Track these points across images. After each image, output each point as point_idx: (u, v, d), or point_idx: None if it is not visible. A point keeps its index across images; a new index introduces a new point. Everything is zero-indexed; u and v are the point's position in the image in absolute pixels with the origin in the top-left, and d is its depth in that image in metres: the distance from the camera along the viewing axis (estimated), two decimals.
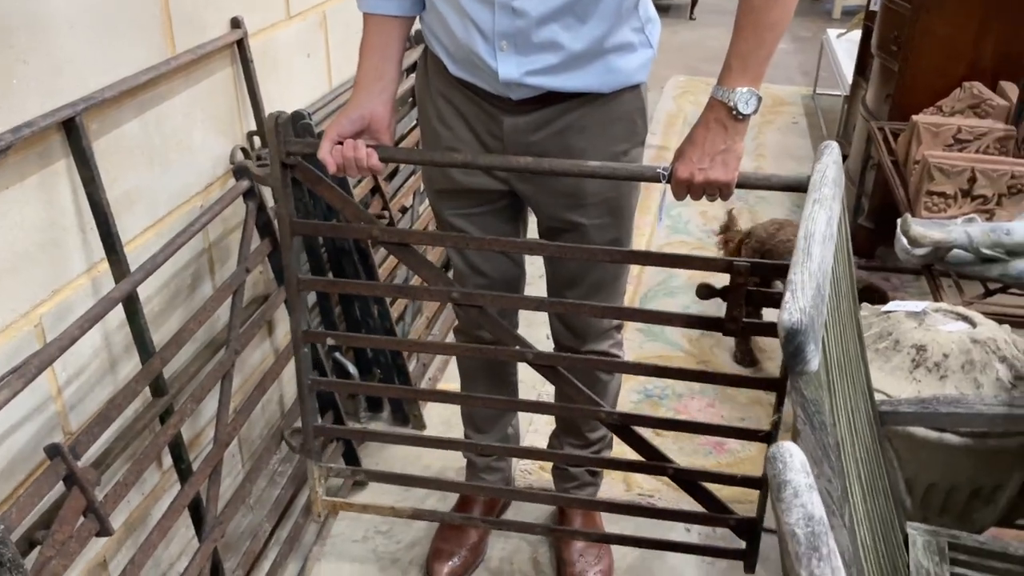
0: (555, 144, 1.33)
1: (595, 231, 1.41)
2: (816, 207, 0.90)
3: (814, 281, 0.76)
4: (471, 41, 1.23)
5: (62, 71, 1.22)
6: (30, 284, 1.21)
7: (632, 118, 1.35)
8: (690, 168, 1.21)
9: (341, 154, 1.29)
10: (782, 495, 0.53)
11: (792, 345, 0.71)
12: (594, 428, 1.68)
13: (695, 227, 3.15)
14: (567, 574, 1.68)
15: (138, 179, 1.42)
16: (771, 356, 2.38)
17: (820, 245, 0.84)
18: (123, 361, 1.43)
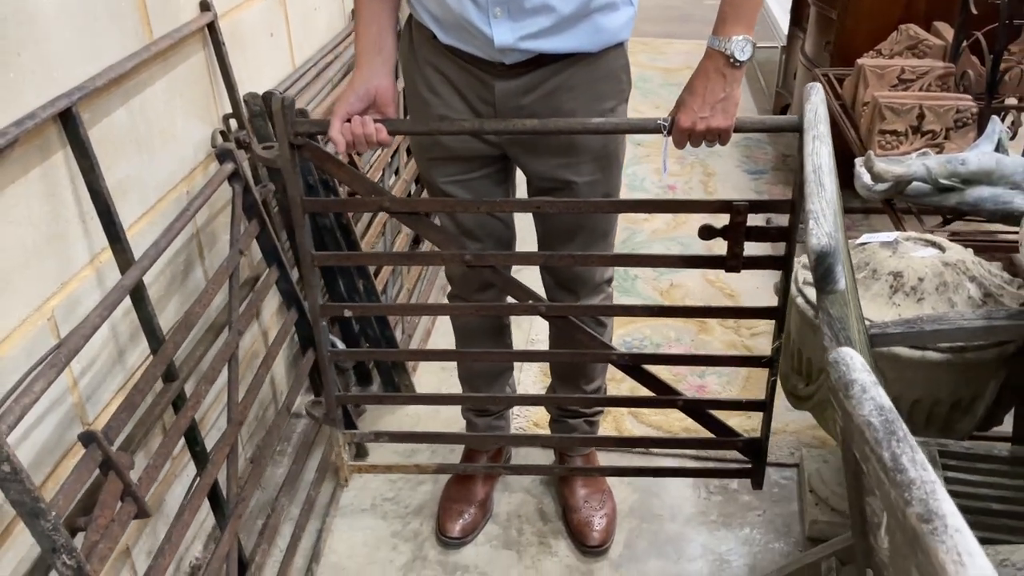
0: (545, 105, 1.37)
1: (586, 187, 1.46)
2: (817, 143, 0.97)
3: (831, 208, 0.83)
4: (464, 10, 1.26)
5: (53, 62, 1.21)
6: (41, 278, 1.21)
7: (618, 75, 1.40)
8: (692, 117, 1.28)
9: (351, 131, 1.33)
10: (851, 392, 0.60)
11: (823, 267, 0.77)
12: (590, 380, 1.75)
13: (651, 183, 3.22)
14: (573, 519, 1.75)
15: (129, 167, 1.42)
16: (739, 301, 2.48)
17: (828, 176, 0.90)
18: (129, 350, 1.44)
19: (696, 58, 1.31)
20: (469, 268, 1.51)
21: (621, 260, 1.55)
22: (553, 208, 1.46)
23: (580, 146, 1.41)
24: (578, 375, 1.73)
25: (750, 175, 3.26)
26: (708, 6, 5.65)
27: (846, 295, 0.82)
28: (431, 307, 2.01)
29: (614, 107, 1.42)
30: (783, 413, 2.04)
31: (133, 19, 1.42)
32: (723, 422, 1.64)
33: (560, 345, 1.67)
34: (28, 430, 1.19)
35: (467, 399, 1.79)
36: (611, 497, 1.81)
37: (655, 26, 5.14)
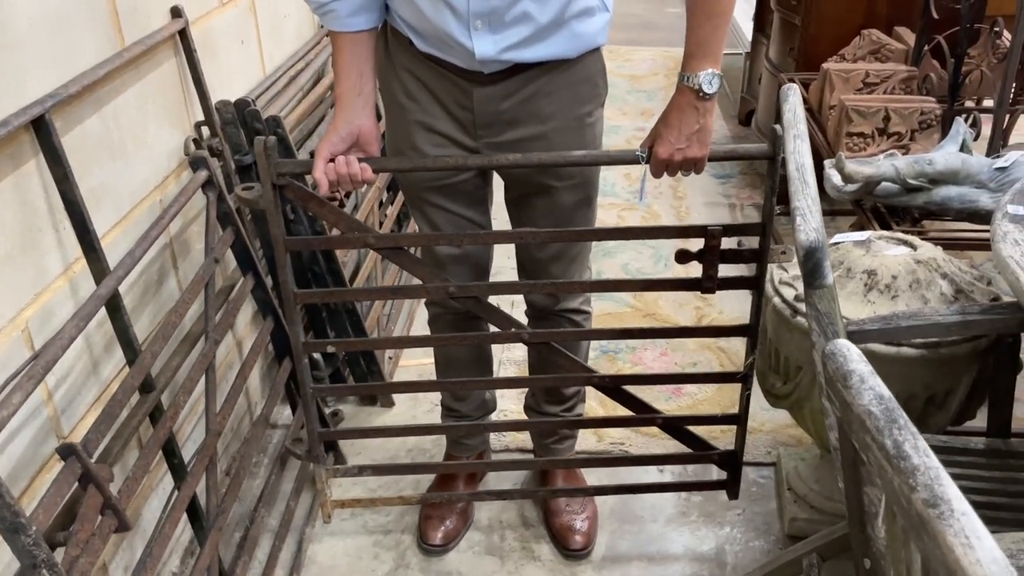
0: (524, 110, 1.37)
1: (566, 192, 1.47)
2: (799, 142, 0.98)
3: (816, 205, 0.84)
4: (444, 23, 1.26)
5: (25, 69, 1.19)
6: (14, 288, 1.19)
7: (595, 80, 1.41)
8: (669, 148, 1.32)
9: (335, 171, 1.33)
10: (849, 382, 0.61)
11: (811, 262, 0.78)
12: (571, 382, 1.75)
13: (621, 189, 3.25)
14: (555, 523, 1.75)
15: (103, 176, 1.40)
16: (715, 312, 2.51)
17: (811, 174, 0.92)
18: (104, 361, 1.41)
19: (661, 65, 1.35)
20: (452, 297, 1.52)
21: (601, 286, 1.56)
22: (536, 238, 1.45)
23: (555, 149, 1.41)
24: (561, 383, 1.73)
25: (718, 179, 3.29)
26: (671, 14, 5.73)
27: (833, 290, 0.83)
28: (415, 339, 2.01)
29: (591, 111, 1.43)
30: (759, 412, 2.06)
31: (105, 26, 1.40)
32: (699, 436, 1.66)
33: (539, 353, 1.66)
34: (3, 444, 1.16)
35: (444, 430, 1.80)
36: (592, 501, 1.81)
37: (620, 33, 5.19)
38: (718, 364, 2.26)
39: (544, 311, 1.64)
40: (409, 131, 1.42)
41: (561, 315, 1.65)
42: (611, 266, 2.73)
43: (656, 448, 1.97)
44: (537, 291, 1.57)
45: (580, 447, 1.96)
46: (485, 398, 1.83)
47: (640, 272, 2.69)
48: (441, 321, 1.68)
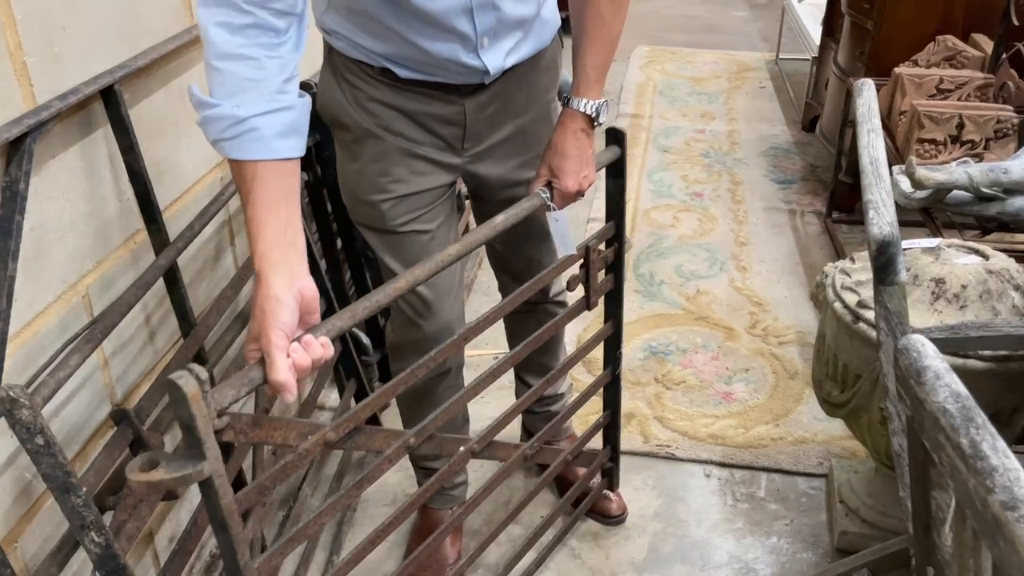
0: (504, 110, 1.32)
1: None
2: (873, 136, 0.95)
3: (890, 198, 0.81)
4: (449, 50, 1.20)
5: (97, 39, 1.21)
6: (77, 255, 1.21)
7: (556, 63, 1.40)
8: (576, 179, 1.29)
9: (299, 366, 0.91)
10: (924, 379, 0.58)
11: (884, 257, 0.75)
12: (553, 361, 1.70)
13: (678, 190, 3.20)
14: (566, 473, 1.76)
15: (166, 150, 1.42)
16: None
17: (885, 167, 0.88)
18: (159, 332, 1.43)
19: (723, 68, 1.33)
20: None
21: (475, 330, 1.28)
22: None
23: (531, 140, 1.38)
24: (551, 361, 1.69)
25: (778, 184, 3.23)
26: (736, 17, 5.64)
27: (904, 288, 0.79)
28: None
29: (556, 93, 1.42)
30: (812, 422, 2.01)
31: (175, 2, 1.42)
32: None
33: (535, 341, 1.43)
34: (59, 407, 1.18)
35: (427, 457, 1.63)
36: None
37: (681, 35, 5.13)
38: (771, 371, 2.21)
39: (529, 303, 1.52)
40: (386, 165, 1.31)
41: (544, 304, 1.62)
42: (664, 267, 2.69)
43: (704, 452, 1.94)
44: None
45: (626, 446, 1.93)
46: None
47: (693, 274, 2.65)
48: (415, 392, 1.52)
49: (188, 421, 0.80)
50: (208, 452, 0.83)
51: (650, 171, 3.36)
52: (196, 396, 0.79)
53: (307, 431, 1.00)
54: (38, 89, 1.10)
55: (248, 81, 0.94)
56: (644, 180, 3.28)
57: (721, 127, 3.79)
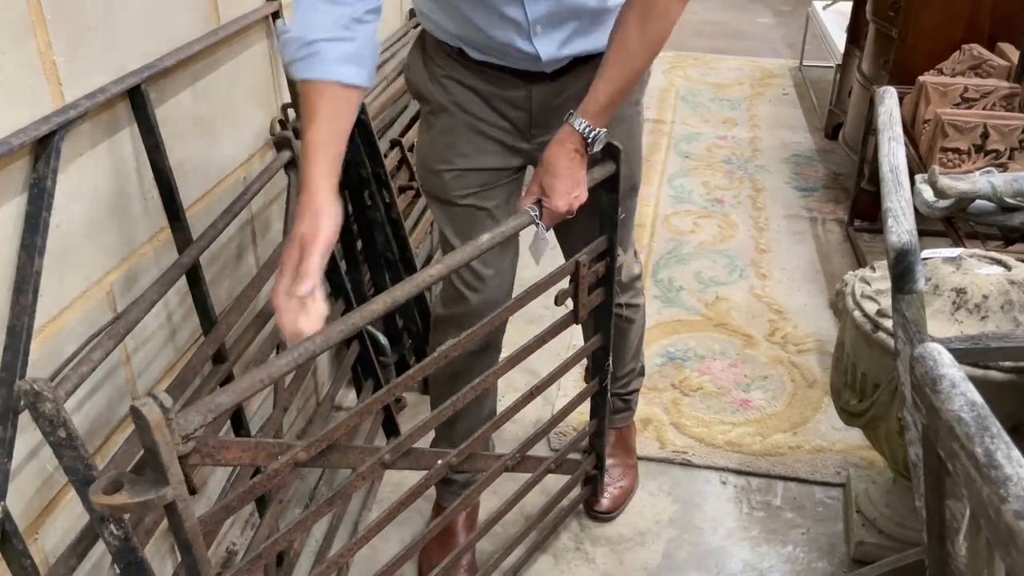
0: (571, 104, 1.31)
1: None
2: (893, 144, 0.95)
3: (909, 207, 0.80)
4: (505, 36, 1.26)
5: (124, 39, 1.23)
6: (102, 251, 1.23)
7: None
8: (567, 200, 1.26)
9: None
10: (939, 387, 0.58)
11: (902, 265, 0.75)
12: (622, 365, 1.79)
13: (699, 196, 3.20)
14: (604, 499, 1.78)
15: (191, 149, 1.44)
16: None
17: (905, 175, 0.88)
18: (181, 329, 1.45)
19: (747, 75, 1.32)
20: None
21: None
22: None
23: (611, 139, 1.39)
24: (619, 356, 1.76)
25: (800, 192, 3.21)
26: (761, 24, 5.62)
27: (923, 297, 0.79)
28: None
29: (637, 99, 1.45)
30: (829, 432, 2.00)
31: (203, 3, 1.44)
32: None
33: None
34: (82, 401, 1.20)
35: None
36: (635, 476, 1.84)
37: (705, 41, 5.12)
38: (789, 379, 2.20)
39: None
40: (453, 139, 1.39)
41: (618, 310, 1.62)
42: (683, 273, 2.68)
43: (720, 460, 1.93)
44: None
45: (642, 452, 1.93)
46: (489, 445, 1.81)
47: (712, 281, 2.64)
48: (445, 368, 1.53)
49: (151, 447, 0.81)
50: (172, 478, 0.83)
51: (671, 177, 3.35)
52: (159, 424, 0.79)
53: (277, 451, 1.00)
54: (66, 88, 1.12)
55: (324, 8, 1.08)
56: (664, 186, 3.27)
57: (743, 133, 3.78)
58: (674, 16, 1.19)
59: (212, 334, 1.34)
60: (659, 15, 1.18)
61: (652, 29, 1.19)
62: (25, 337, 1.03)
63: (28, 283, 1.04)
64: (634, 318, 1.73)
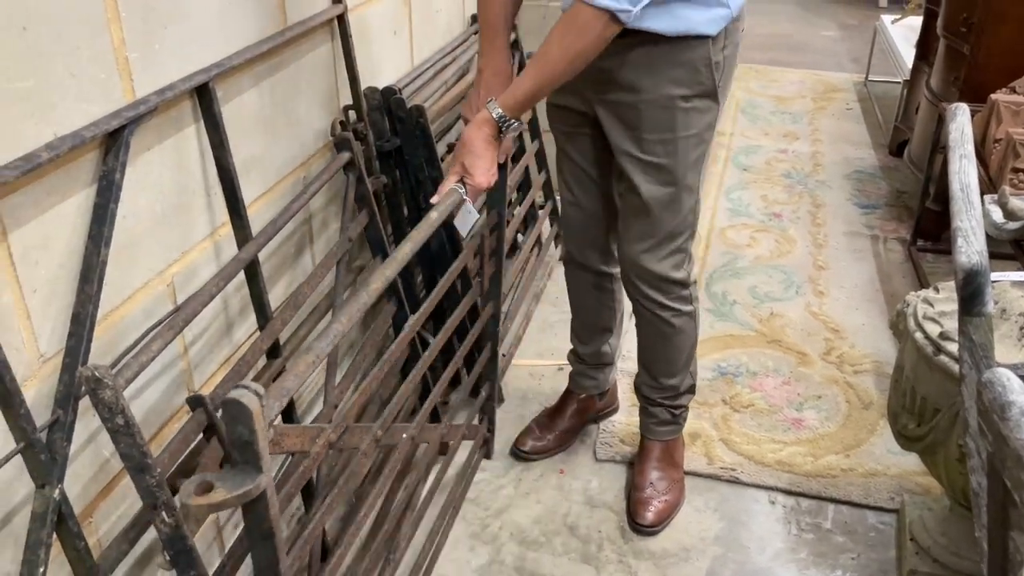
0: (618, 73, 1.45)
1: (652, 168, 1.52)
2: (964, 162, 0.92)
3: (980, 226, 0.78)
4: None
5: (193, 38, 1.26)
6: (164, 244, 1.26)
7: (695, 66, 1.43)
8: (487, 176, 1.40)
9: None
10: (1008, 414, 0.55)
11: (971, 287, 0.73)
12: (669, 373, 1.78)
13: (756, 210, 3.15)
14: (634, 497, 1.80)
15: (254, 147, 1.46)
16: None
17: (976, 194, 0.85)
18: (238, 323, 1.48)
19: (809, 88, 1.32)
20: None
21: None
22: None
23: (643, 123, 1.47)
24: (658, 364, 1.78)
25: (861, 209, 3.14)
26: (825, 37, 5.52)
27: (991, 321, 0.76)
28: None
29: (688, 96, 1.46)
30: (885, 455, 1.95)
31: (271, 4, 1.46)
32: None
33: (641, 333, 1.78)
34: (140, 389, 1.23)
35: None
36: (681, 490, 1.83)
37: (766, 53, 5.04)
38: (844, 400, 2.15)
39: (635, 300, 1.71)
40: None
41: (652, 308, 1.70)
42: (737, 287, 2.64)
43: (769, 479, 1.89)
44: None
45: (689, 467, 1.90)
46: (602, 349, 1.93)
47: (768, 296, 2.60)
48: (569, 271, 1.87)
49: (248, 437, 0.81)
50: (264, 465, 0.83)
51: (728, 189, 3.31)
52: (259, 413, 0.80)
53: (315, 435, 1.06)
54: (138, 84, 1.15)
55: None
56: (722, 198, 3.23)
57: (804, 148, 3.71)
58: (592, 35, 1.29)
59: (267, 329, 1.36)
60: (577, 30, 1.29)
61: (568, 42, 1.31)
62: (89, 325, 1.06)
63: (94, 272, 1.07)
64: (676, 323, 1.71)
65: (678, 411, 1.84)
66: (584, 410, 2.01)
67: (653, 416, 1.84)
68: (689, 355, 1.78)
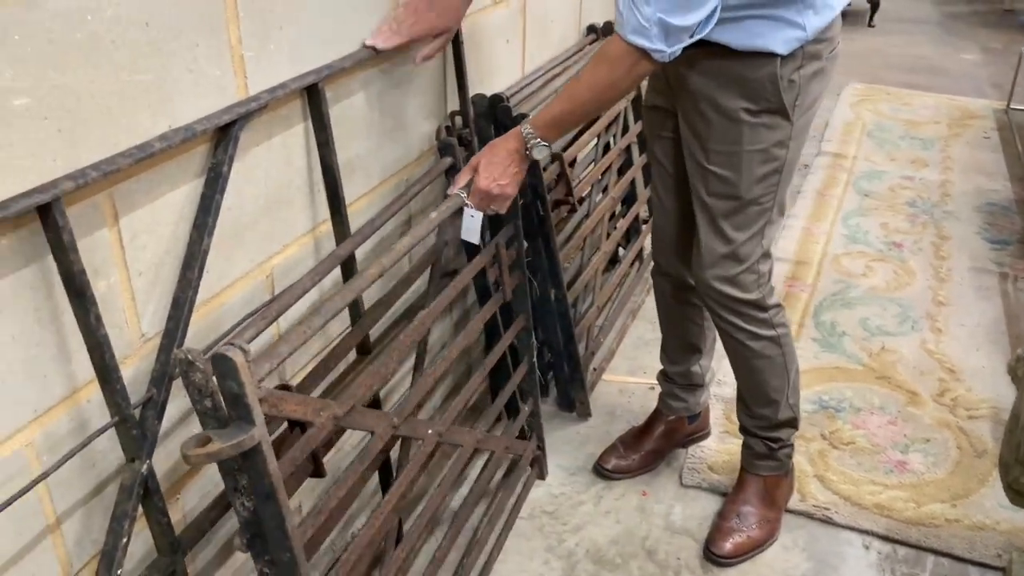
0: (690, 80, 1.45)
1: (713, 178, 1.50)
2: None
3: None
4: None
5: (307, 38, 1.30)
6: (266, 237, 1.30)
7: (762, 82, 1.40)
8: (489, 183, 1.39)
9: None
10: None
11: None
12: (763, 402, 1.70)
13: (875, 238, 3.00)
14: (716, 525, 1.77)
15: (358, 148, 1.50)
16: None
17: None
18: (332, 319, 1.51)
19: (944, 113, 1.22)
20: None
21: None
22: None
23: (710, 131, 1.46)
24: (747, 390, 1.72)
25: (991, 244, 2.95)
26: (966, 61, 5.23)
27: None
28: None
29: (754, 111, 1.42)
30: (995, 509, 1.82)
31: (386, 9, 1.49)
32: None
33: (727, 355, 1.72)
34: None
35: None
36: (772, 530, 1.76)
37: (900, 76, 4.82)
38: (955, 445, 2.01)
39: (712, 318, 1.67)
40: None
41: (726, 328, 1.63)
42: (848, 318, 2.52)
43: (865, 522, 1.79)
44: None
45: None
46: (691, 369, 1.89)
47: (880, 330, 2.47)
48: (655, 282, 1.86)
49: (237, 390, 0.90)
50: (256, 418, 0.92)
51: (846, 215, 3.17)
52: (244, 366, 0.89)
53: (321, 408, 1.13)
54: (251, 81, 1.19)
55: None
56: (838, 224, 3.10)
57: (933, 176, 3.52)
58: (621, 69, 1.30)
59: (358, 325, 1.39)
60: (609, 62, 1.30)
61: (600, 72, 1.32)
62: (187, 309, 1.11)
63: (196, 259, 1.12)
64: (753, 346, 1.63)
65: (775, 445, 1.75)
66: (672, 432, 1.96)
67: (749, 447, 1.78)
68: (781, 384, 1.69)
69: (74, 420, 1.02)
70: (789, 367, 1.68)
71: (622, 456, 1.93)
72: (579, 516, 1.82)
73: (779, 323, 1.63)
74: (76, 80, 0.92)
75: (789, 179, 1.52)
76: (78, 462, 1.01)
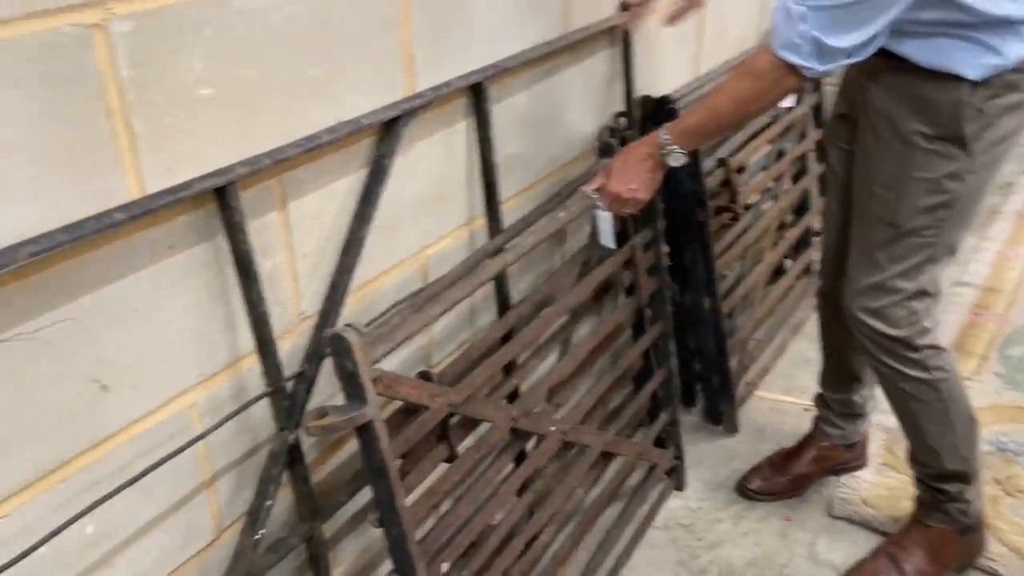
0: (867, 89, 1.39)
1: (875, 200, 1.42)
2: None
3: None
4: None
5: (475, 40, 1.33)
6: (424, 227, 1.35)
7: (944, 106, 1.29)
8: (621, 187, 1.38)
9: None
10: None
11: None
12: (920, 449, 1.59)
13: None
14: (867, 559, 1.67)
15: (518, 146, 1.52)
16: None
17: None
18: (481, 310, 1.55)
19: None
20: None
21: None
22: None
23: (880, 150, 1.39)
24: (910, 435, 1.60)
25: None
26: None
27: None
28: None
29: (930, 136, 1.32)
30: None
31: (556, 9, 1.51)
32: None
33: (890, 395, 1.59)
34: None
35: None
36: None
37: None
38: None
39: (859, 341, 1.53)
40: None
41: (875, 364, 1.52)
42: None
43: None
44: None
45: None
46: (852, 398, 1.80)
47: None
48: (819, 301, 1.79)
49: (352, 369, 0.97)
50: (369, 397, 0.98)
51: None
52: (358, 347, 0.97)
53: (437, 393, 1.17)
54: (419, 79, 1.24)
55: None
56: None
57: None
58: (765, 83, 1.25)
59: (502, 320, 1.42)
60: (754, 74, 1.26)
61: (743, 84, 1.28)
62: (343, 292, 1.17)
63: (354, 246, 1.18)
64: (904, 387, 1.50)
65: (942, 497, 1.60)
66: (825, 459, 1.86)
67: (918, 491, 1.66)
68: (941, 433, 1.53)
69: (235, 386, 1.10)
70: (953, 416, 1.52)
71: (767, 478, 1.85)
72: (716, 533, 1.77)
73: (935, 366, 1.48)
74: (255, 73, 1.00)
75: (964, 218, 1.38)
76: (235, 426, 1.10)
